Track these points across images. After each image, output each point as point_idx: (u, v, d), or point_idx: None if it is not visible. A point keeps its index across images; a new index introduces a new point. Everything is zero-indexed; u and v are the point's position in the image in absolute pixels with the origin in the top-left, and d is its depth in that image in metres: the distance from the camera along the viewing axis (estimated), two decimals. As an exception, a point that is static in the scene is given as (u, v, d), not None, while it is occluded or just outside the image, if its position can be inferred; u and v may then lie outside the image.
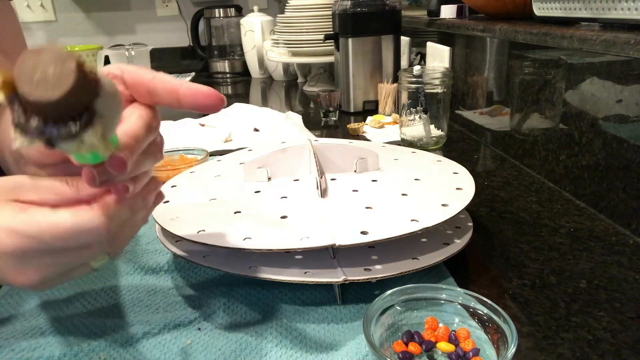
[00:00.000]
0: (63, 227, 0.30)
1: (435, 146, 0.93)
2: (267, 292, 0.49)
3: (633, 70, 0.56)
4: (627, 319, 0.43)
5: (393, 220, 0.47)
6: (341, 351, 0.41)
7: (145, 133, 0.32)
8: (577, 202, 0.67)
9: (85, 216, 0.30)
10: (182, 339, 0.43)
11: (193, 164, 0.79)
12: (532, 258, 0.54)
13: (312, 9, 1.47)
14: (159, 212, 0.53)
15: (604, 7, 0.59)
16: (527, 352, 0.40)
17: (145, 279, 0.53)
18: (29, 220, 0.30)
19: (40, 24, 2.28)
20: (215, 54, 2.11)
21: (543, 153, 0.76)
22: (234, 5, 2.06)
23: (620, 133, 0.59)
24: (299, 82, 1.77)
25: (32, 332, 0.44)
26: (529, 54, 0.80)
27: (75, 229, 0.30)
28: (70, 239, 0.30)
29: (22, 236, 0.30)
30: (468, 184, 0.55)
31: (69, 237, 0.30)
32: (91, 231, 0.30)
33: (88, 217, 0.30)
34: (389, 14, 1.17)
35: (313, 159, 0.59)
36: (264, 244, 0.44)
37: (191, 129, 1.11)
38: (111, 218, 0.31)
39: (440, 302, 0.43)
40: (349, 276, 0.45)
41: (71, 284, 0.52)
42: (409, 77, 0.90)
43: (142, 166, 0.33)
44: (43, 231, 0.30)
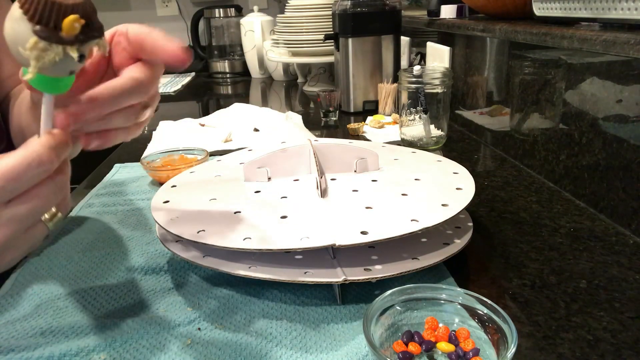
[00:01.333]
0: (12, 163, 0.30)
1: (435, 146, 0.93)
2: (267, 292, 0.49)
3: (633, 70, 0.56)
4: (627, 319, 0.43)
5: (393, 220, 0.47)
6: (341, 351, 0.41)
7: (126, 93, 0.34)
8: (577, 202, 0.67)
9: (31, 148, 0.31)
10: (182, 339, 0.43)
11: (193, 164, 0.79)
12: (532, 258, 0.54)
13: (312, 9, 1.47)
14: (159, 212, 0.53)
15: (604, 7, 0.59)
16: (527, 352, 0.40)
17: (145, 279, 0.53)
18: None
19: (40, 24, 2.28)
20: (215, 54, 2.11)
21: (543, 153, 0.76)
22: (234, 5, 2.06)
23: (620, 133, 0.59)
24: (299, 82, 1.77)
25: (32, 332, 0.44)
26: (529, 54, 0.80)
27: (23, 160, 0.30)
28: (21, 173, 0.30)
29: None
30: (468, 184, 0.55)
31: (20, 171, 0.30)
32: (40, 160, 0.31)
33: (33, 148, 0.31)
34: (389, 14, 1.17)
35: (313, 159, 0.59)
36: (264, 244, 0.44)
37: (191, 129, 1.11)
38: (55, 149, 0.31)
39: (440, 302, 0.43)
40: (349, 276, 0.45)
41: (70, 283, 0.52)
42: (409, 77, 0.90)
43: (115, 122, 0.35)
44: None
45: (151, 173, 0.80)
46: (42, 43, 0.29)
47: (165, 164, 0.83)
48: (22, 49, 0.30)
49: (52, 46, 0.30)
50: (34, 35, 0.29)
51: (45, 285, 0.52)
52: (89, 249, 0.60)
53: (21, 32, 0.29)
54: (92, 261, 0.57)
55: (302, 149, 0.60)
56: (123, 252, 0.59)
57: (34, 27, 0.29)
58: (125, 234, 0.64)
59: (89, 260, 0.57)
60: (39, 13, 0.29)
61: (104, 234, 0.64)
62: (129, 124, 0.37)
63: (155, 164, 0.82)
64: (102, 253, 0.59)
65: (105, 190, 0.79)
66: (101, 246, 0.61)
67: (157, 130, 1.12)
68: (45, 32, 0.29)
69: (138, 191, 0.78)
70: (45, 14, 0.29)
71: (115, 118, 0.36)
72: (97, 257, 0.58)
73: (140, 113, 0.37)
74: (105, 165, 0.94)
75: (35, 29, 0.29)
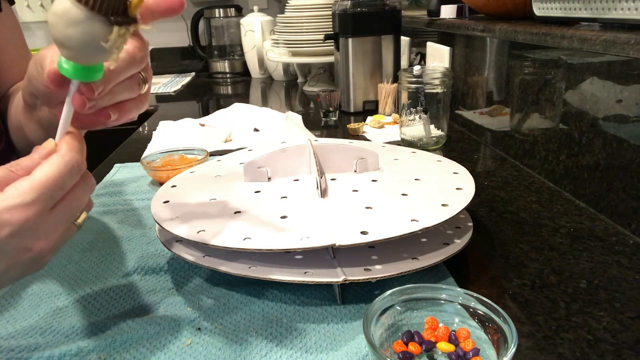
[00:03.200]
0: (55, 171, 0.33)
1: (435, 146, 0.93)
2: (267, 292, 0.49)
3: (633, 70, 0.56)
4: (627, 319, 0.43)
5: (393, 220, 0.47)
6: (341, 351, 0.41)
7: (125, 66, 0.36)
8: (577, 202, 0.67)
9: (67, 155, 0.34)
10: (182, 339, 0.43)
11: (193, 164, 0.79)
12: (532, 258, 0.54)
13: (312, 9, 1.47)
14: (159, 212, 0.53)
15: (604, 7, 0.59)
16: (527, 352, 0.40)
17: (145, 279, 0.53)
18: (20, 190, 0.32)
19: (41, 24, 2.28)
20: (215, 54, 2.11)
21: (543, 153, 0.76)
22: (234, 5, 2.06)
23: (620, 133, 0.59)
24: (299, 82, 1.77)
25: (32, 332, 0.44)
26: (529, 54, 0.80)
27: (64, 168, 0.33)
28: (65, 179, 0.33)
29: (25, 206, 0.32)
30: (468, 184, 0.55)
31: (64, 178, 0.33)
32: (78, 165, 0.34)
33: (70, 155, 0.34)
34: (389, 14, 1.17)
35: (313, 159, 0.59)
36: (264, 244, 0.44)
37: (191, 129, 1.11)
38: (78, 150, 0.35)
39: (440, 302, 0.43)
40: (349, 276, 0.45)
41: (70, 284, 0.52)
42: (409, 77, 0.90)
43: (121, 95, 0.38)
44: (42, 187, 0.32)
45: (151, 173, 0.80)
46: (122, 29, 0.31)
47: (165, 164, 0.83)
48: (104, 44, 0.31)
49: (128, 29, 0.31)
50: (111, 26, 0.30)
51: (45, 285, 0.52)
52: (89, 249, 0.60)
53: (96, 29, 0.30)
54: (92, 261, 0.57)
55: (302, 149, 0.60)
56: (123, 252, 0.59)
57: (109, 19, 0.30)
58: (125, 234, 0.64)
59: (89, 260, 0.57)
60: (106, 4, 0.30)
61: (104, 234, 0.64)
62: (134, 94, 0.40)
63: (155, 164, 0.82)
64: (102, 253, 0.59)
65: (105, 190, 0.79)
66: (101, 246, 0.61)
67: (157, 130, 1.12)
68: (121, 18, 0.31)
69: (138, 191, 0.78)
70: (110, 3, 0.30)
71: (121, 90, 0.38)
72: (97, 257, 0.58)
73: (141, 85, 0.40)
74: (105, 165, 0.94)
75: (112, 19, 0.30)
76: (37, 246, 0.34)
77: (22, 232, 0.32)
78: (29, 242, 0.33)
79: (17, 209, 0.32)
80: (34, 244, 0.34)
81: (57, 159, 0.34)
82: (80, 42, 0.31)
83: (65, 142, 0.35)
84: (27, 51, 0.72)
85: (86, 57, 0.33)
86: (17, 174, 0.34)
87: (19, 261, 0.34)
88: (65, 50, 0.32)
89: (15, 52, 0.68)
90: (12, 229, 0.32)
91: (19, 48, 0.70)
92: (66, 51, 0.33)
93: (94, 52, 0.32)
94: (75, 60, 0.33)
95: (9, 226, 0.32)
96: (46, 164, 0.33)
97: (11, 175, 0.33)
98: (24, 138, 0.58)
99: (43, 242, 0.34)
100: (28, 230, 0.33)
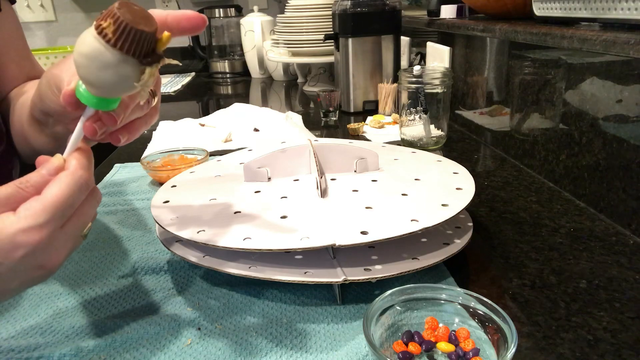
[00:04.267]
0: (65, 190, 0.33)
1: (435, 146, 0.93)
2: (267, 292, 0.49)
3: (633, 70, 0.56)
4: (627, 319, 0.43)
5: (393, 220, 0.47)
6: (341, 351, 0.41)
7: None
8: (577, 202, 0.67)
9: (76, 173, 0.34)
10: (182, 339, 0.43)
11: (193, 164, 0.79)
12: (532, 258, 0.54)
13: (312, 9, 1.47)
14: (159, 212, 0.53)
15: (604, 7, 0.59)
16: (527, 352, 0.40)
17: (145, 279, 0.53)
18: (32, 211, 0.33)
19: (40, 24, 2.28)
20: (215, 54, 2.11)
21: (543, 153, 0.76)
22: (234, 5, 2.06)
23: (620, 133, 0.59)
24: (299, 82, 1.77)
25: (32, 332, 0.44)
26: (529, 54, 0.80)
27: (74, 186, 0.34)
28: (75, 198, 0.34)
29: (38, 227, 0.32)
30: (468, 184, 0.55)
31: (74, 196, 0.34)
32: (87, 183, 0.35)
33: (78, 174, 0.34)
34: (389, 14, 1.17)
35: (313, 159, 0.59)
36: (264, 244, 0.44)
37: (191, 129, 1.11)
38: (87, 167, 0.35)
39: (440, 302, 0.43)
40: (349, 276, 0.45)
41: (70, 284, 0.52)
42: (409, 77, 0.90)
43: (133, 115, 0.39)
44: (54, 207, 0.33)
45: (151, 173, 0.80)
46: (153, 68, 0.32)
47: (165, 164, 0.83)
48: (136, 84, 0.32)
49: (157, 66, 0.32)
50: (143, 67, 0.31)
51: (45, 285, 0.52)
52: (89, 249, 0.60)
53: (129, 71, 0.31)
54: (92, 261, 0.57)
55: (302, 149, 0.60)
56: (123, 252, 0.59)
57: (141, 60, 0.31)
58: (125, 234, 0.64)
59: (89, 260, 0.57)
60: (138, 47, 0.31)
61: (104, 234, 0.64)
62: (144, 113, 0.40)
63: (155, 164, 0.82)
64: (102, 253, 0.59)
65: (105, 190, 0.79)
66: (101, 246, 0.61)
67: (157, 131, 1.12)
68: (151, 58, 0.32)
69: (138, 191, 0.78)
70: (142, 45, 0.31)
71: (133, 111, 0.39)
72: (97, 257, 0.58)
73: (151, 101, 0.41)
74: (105, 165, 0.94)
75: (143, 60, 0.31)
76: (50, 264, 0.35)
77: (35, 253, 0.33)
78: (42, 261, 0.34)
79: (31, 231, 0.32)
80: (46, 262, 0.34)
81: (67, 178, 0.34)
82: (113, 83, 0.32)
83: (74, 159, 0.35)
84: (28, 52, 0.72)
85: (115, 95, 0.34)
86: (26, 191, 0.34)
87: (31, 278, 0.35)
88: (94, 89, 0.33)
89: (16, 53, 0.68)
90: (27, 251, 0.32)
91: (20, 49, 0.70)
92: (95, 89, 0.33)
93: (124, 90, 0.33)
94: (102, 95, 0.34)
95: (24, 248, 0.32)
96: (56, 183, 0.34)
97: (20, 193, 0.34)
98: (29, 146, 0.58)
99: (55, 259, 0.35)
100: (41, 250, 0.33)
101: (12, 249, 0.32)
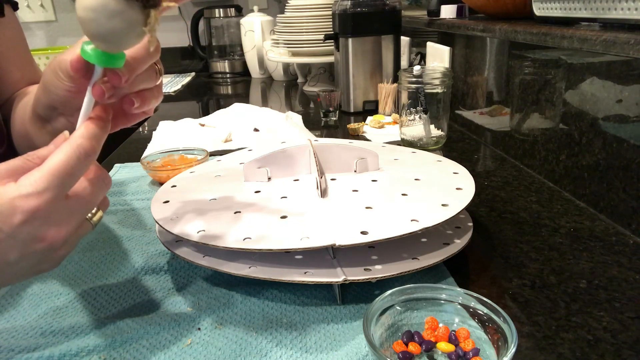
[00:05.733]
0: (64, 159, 0.34)
1: (435, 146, 0.93)
2: (267, 292, 0.49)
3: (633, 70, 0.56)
4: (627, 319, 0.43)
5: (393, 220, 0.47)
6: (341, 351, 0.41)
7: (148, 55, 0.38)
8: (577, 202, 0.67)
9: (75, 142, 0.34)
10: (182, 339, 0.43)
11: (193, 164, 0.79)
12: (532, 258, 0.54)
13: (312, 9, 1.47)
14: (159, 212, 0.53)
15: (604, 7, 0.59)
16: (527, 352, 0.40)
17: (145, 279, 0.53)
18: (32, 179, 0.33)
19: (40, 24, 2.28)
20: (215, 54, 2.11)
21: (543, 153, 0.76)
22: (234, 5, 2.06)
23: (620, 133, 0.59)
24: (299, 82, 1.77)
25: (32, 332, 0.44)
26: (529, 54, 0.80)
27: (72, 154, 0.34)
28: (74, 166, 0.34)
29: (37, 194, 0.33)
30: (468, 184, 0.55)
31: (73, 165, 0.34)
32: (86, 151, 0.35)
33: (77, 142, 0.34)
34: (389, 14, 1.17)
35: (313, 159, 0.59)
36: (264, 244, 0.44)
37: (191, 129, 1.11)
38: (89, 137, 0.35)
39: (440, 302, 0.43)
40: (349, 276, 0.45)
41: (70, 284, 0.52)
42: (409, 77, 0.90)
43: (141, 84, 0.40)
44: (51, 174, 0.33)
45: (151, 173, 0.80)
46: (157, 11, 0.32)
47: (165, 164, 0.83)
48: (145, 28, 0.32)
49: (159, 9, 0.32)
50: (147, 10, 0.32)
51: (45, 285, 0.52)
52: (89, 249, 0.60)
53: (135, 16, 0.32)
54: (92, 261, 0.57)
55: (302, 149, 0.60)
56: (123, 252, 0.59)
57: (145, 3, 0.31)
58: (125, 234, 0.64)
59: (88, 260, 0.57)
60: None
61: (104, 234, 0.64)
62: (152, 84, 0.41)
63: (155, 164, 0.82)
64: (102, 253, 0.59)
65: (105, 190, 0.79)
66: (101, 246, 0.61)
67: (157, 130, 1.12)
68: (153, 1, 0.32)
69: (138, 191, 0.78)
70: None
71: (141, 80, 0.40)
72: (97, 257, 0.58)
73: (157, 76, 0.42)
74: (105, 165, 0.94)
75: (148, 4, 0.32)
76: (49, 235, 0.34)
77: (34, 220, 0.33)
78: (41, 230, 0.34)
79: (30, 197, 0.33)
80: (46, 232, 0.34)
81: (65, 147, 0.34)
82: (122, 31, 0.32)
83: (80, 128, 0.35)
84: (30, 57, 0.72)
85: (125, 44, 0.34)
86: (33, 162, 0.35)
87: (32, 251, 0.34)
88: (104, 42, 0.33)
89: (17, 57, 0.68)
90: (25, 216, 0.33)
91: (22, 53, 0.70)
92: (105, 43, 0.33)
93: (134, 37, 0.33)
94: (113, 49, 0.34)
95: (21, 213, 0.33)
96: (56, 152, 0.34)
97: (27, 164, 0.35)
98: (31, 145, 0.58)
99: (55, 231, 0.35)
100: (40, 218, 0.33)
101: (11, 213, 0.32)
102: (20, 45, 0.70)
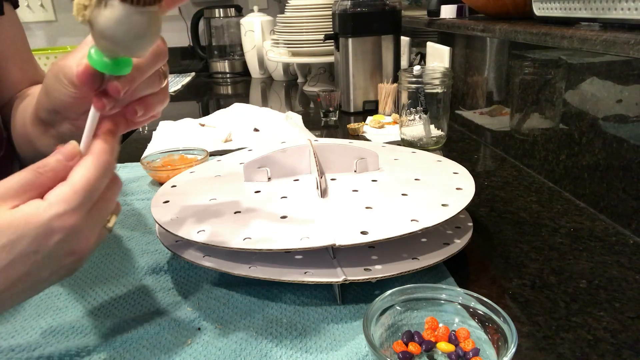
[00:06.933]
0: (91, 174, 0.34)
1: (435, 146, 0.93)
2: (267, 292, 0.49)
3: (633, 70, 0.56)
4: (627, 319, 0.43)
5: (393, 220, 0.47)
6: (341, 351, 0.41)
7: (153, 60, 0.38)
8: (577, 202, 0.67)
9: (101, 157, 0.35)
10: (182, 339, 0.43)
11: (193, 164, 0.79)
12: (532, 258, 0.54)
13: (312, 9, 1.47)
14: (159, 212, 0.53)
15: (604, 7, 0.59)
16: (527, 352, 0.40)
17: (145, 279, 0.53)
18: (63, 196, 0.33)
19: (40, 24, 2.28)
20: (215, 54, 2.11)
21: (543, 153, 0.76)
22: (234, 5, 2.06)
23: (620, 133, 0.59)
24: (299, 82, 1.77)
25: (32, 332, 0.44)
26: (529, 54, 0.80)
27: (100, 169, 0.34)
28: (100, 181, 0.34)
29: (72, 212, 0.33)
30: (468, 184, 0.55)
31: (99, 179, 0.34)
32: (110, 166, 0.35)
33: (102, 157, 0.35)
34: (389, 14, 1.17)
35: (313, 159, 0.59)
36: (264, 244, 0.44)
37: (191, 129, 1.11)
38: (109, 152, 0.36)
39: (440, 302, 0.43)
40: (349, 276, 0.45)
41: (70, 284, 0.52)
42: (409, 77, 0.90)
43: (144, 90, 0.39)
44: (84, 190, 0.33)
45: (151, 173, 0.80)
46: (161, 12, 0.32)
47: (165, 164, 0.83)
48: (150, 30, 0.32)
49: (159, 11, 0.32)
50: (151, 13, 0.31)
51: (45, 285, 0.52)
52: (89, 249, 0.60)
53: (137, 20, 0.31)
54: (92, 261, 0.57)
55: (302, 149, 0.60)
56: (123, 252, 0.59)
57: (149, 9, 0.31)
58: (125, 234, 0.64)
59: (88, 260, 0.57)
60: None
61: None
62: (156, 89, 0.41)
63: (155, 164, 0.82)
64: (102, 253, 0.59)
65: (105, 190, 0.79)
66: (101, 246, 0.60)
67: (157, 130, 1.12)
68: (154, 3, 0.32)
69: (138, 191, 0.78)
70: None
71: (143, 87, 0.39)
72: (97, 257, 0.58)
73: (162, 80, 0.41)
74: (105, 165, 0.94)
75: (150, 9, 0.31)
76: (80, 249, 0.35)
77: (69, 238, 0.33)
78: (74, 246, 0.34)
79: (65, 216, 0.33)
80: (77, 247, 0.35)
81: (93, 161, 0.34)
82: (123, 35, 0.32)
83: (98, 143, 0.35)
84: (31, 56, 0.71)
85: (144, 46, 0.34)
86: (45, 175, 0.34)
87: (63, 265, 0.35)
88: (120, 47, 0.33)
89: (18, 56, 0.68)
90: (62, 236, 0.33)
91: (22, 52, 0.69)
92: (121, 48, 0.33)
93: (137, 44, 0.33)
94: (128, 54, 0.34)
95: (59, 233, 0.33)
96: (83, 166, 0.34)
97: (40, 178, 0.34)
98: (33, 148, 0.57)
99: (84, 244, 0.35)
100: (74, 235, 0.34)
101: (48, 235, 0.32)
102: (21, 44, 0.69)
